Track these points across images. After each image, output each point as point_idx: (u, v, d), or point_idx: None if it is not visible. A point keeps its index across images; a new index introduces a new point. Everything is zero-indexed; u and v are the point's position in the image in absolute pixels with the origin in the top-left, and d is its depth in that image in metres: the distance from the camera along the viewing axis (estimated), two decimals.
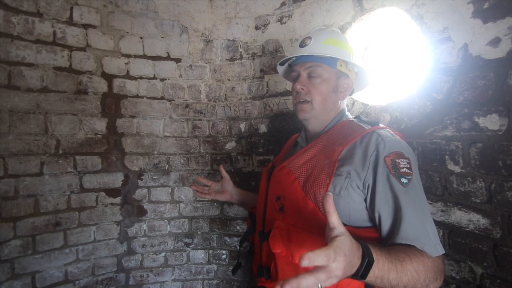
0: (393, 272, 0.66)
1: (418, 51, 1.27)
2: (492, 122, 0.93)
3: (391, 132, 0.89)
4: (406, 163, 0.80)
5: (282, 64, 1.12)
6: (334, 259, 0.52)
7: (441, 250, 0.75)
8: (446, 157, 1.06)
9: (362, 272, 0.61)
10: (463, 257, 1.03)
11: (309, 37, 1.01)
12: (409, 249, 0.73)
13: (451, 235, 1.06)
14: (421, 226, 0.75)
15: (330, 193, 0.61)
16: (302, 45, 1.01)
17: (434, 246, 0.74)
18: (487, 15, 0.94)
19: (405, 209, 0.75)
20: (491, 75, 0.93)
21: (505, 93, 0.90)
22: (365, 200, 0.82)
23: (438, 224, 1.10)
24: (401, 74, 1.44)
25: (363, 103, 1.45)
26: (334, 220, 0.59)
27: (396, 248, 0.74)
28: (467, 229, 1.01)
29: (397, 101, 1.27)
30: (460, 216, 1.03)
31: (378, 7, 1.34)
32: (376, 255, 0.64)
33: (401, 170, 0.78)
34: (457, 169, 1.03)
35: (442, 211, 1.09)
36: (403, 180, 0.77)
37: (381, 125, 0.91)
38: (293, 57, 1.03)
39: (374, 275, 0.64)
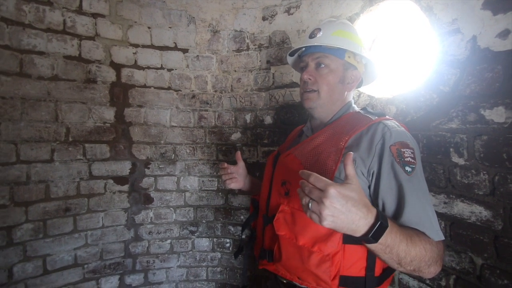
0: (403, 244, 0.70)
1: (426, 43, 1.26)
2: (498, 115, 0.93)
3: (397, 123, 0.91)
4: (410, 152, 0.82)
5: (291, 54, 1.14)
6: (327, 183, 0.61)
7: (442, 236, 0.78)
8: (451, 149, 1.07)
9: (373, 234, 0.64)
10: (464, 248, 1.04)
11: (319, 29, 1.03)
12: (415, 230, 0.76)
13: (453, 226, 1.07)
14: (423, 212, 0.78)
15: (351, 152, 0.69)
16: (312, 36, 1.03)
17: (436, 231, 0.77)
18: (497, 7, 0.93)
19: (408, 195, 0.78)
20: (499, 67, 0.93)
21: None
22: (369, 187, 0.84)
23: (440, 216, 1.11)
24: (408, 67, 1.43)
25: (369, 95, 1.45)
26: (349, 171, 0.65)
27: (404, 226, 0.77)
28: (469, 221, 1.02)
29: (404, 93, 1.27)
30: (462, 208, 1.04)
31: None
32: (390, 224, 0.67)
33: (405, 159, 0.80)
34: (461, 161, 1.04)
35: (445, 203, 1.10)
36: (407, 168, 0.80)
37: (387, 116, 0.92)
38: (303, 47, 1.05)
39: (385, 243, 0.67)
